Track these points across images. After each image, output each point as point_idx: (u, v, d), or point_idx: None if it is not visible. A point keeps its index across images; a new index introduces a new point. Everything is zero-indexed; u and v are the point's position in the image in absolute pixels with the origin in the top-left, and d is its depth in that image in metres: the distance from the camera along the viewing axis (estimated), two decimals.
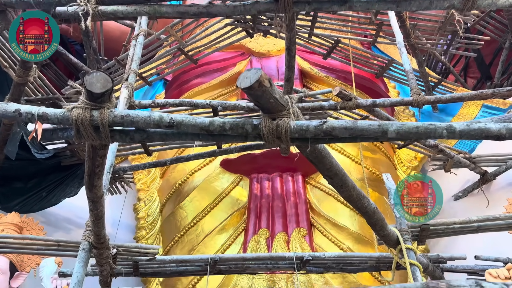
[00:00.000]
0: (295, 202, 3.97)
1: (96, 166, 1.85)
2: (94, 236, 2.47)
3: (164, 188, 4.36)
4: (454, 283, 1.06)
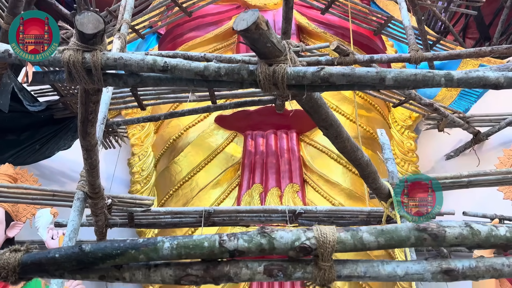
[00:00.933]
0: (288, 158, 3.99)
1: (89, 112, 1.83)
2: (89, 185, 2.48)
3: (158, 144, 4.36)
4: (444, 223, 1.08)
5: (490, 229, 1.08)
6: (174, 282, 1.06)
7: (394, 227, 1.08)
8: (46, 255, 1.02)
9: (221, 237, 1.07)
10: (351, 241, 1.07)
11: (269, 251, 1.07)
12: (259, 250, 1.06)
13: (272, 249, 1.07)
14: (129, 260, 1.04)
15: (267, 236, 1.07)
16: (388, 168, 2.53)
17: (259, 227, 1.10)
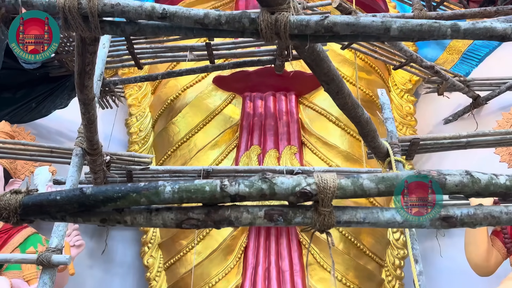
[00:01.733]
0: (287, 121, 3.98)
1: (86, 64, 1.79)
2: (87, 141, 2.47)
3: (156, 104, 4.32)
4: (444, 171, 1.08)
5: (490, 177, 1.09)
6: (175, 226, 1.07)
7: (395, 175, 1.08)
8: (47, 197, 1.02)
9: (222, 182, 1.07)
10: (351, 188, 1.08)
11: (269, 196, 1.08)
12: (259, 195, 1.07)
13: (272, 194, 1.07)
14: (130, 204, 1.05)
15: (268, 182, 1.07)
16: (387, 127, 2.53)
17: (259, 173, 1.10)
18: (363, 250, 3.60)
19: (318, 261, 3.52)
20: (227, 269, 3.51)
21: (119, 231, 4.24)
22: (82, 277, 3.93)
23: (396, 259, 3.76)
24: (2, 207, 0.98)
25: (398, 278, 3.72)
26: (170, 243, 3.69)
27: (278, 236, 3.71)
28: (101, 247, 4.01)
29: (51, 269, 2.18)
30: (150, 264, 3.70)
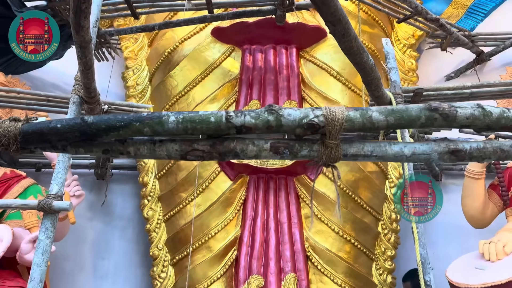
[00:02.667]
0: (287, 75, 3.91)
1: (82, 1, 1.71)
2: (84, 89, 2.42)
3: (153, 57, 4.22)
4: (456, 104, 1.06)
5: (502, 110, 1.06)
6: (180, 157, 1.05)
7: (405, 107, 1.05)
8: (48, 125, 0.99)
9: (228, 113, 1.04)
10: (360, 120, 1.05)
11: (276, 128, 1.05)
12: (266, 127, 1.04)
13: (279, 126, 1.05)
14: (133, 133, 1.02)
15: (275, 113, 1.04)
16: (391, 77, 2.48)
17: (267, 105, 1.07)
18: (360, 204, 3.64)
19: (316, 214, 3.57)
20: (226, 220, 3.55)
21: (118, 184, 4.26)
22: (82, 229, 3.99)
23: (393, 213, 3.82)
24: (1, 133, 0.95)
25: (394, 232, 3.79)
26: (169, 196, 3.72)
27: (276, 190, 3.74)
28: (101, 200, 4.04)
29: (52, 215, 2.19)
30: (150, 216, 3.74)
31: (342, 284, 3.43)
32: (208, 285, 3.42)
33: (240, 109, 3.79)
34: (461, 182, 4.23)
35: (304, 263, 3.50)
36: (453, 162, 1.08)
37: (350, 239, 3.53)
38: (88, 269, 3.93)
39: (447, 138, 1.06)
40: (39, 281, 2.09)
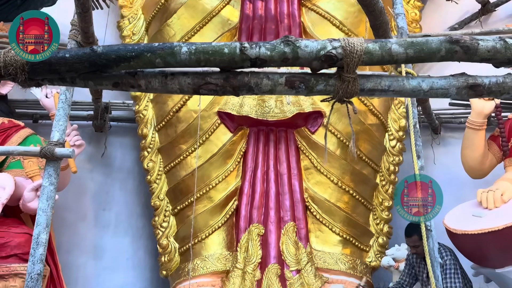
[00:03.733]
0: (288, 24, 3.80)
1: None
2: (82, 33, 2.33)
3: (149, 5, 4.06)
4: (478, 37, 1.02)
5: None
6: (192, 91, 1.02)
7: (425, 39, 1.02)
8: (56, 55, 0.95)
9: (242, 44, 1.00)
10: (379, 52, 1.02)
11: (292, 61, 1.02)
12: (281, 59, 1.01)
13: (295, 58, 1.01)
14: (145, 64, 0.98)
15: (291, 45, 1.01)
16: (398, 23, 2.41)
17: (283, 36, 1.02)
18: (360, 156, 3.67)
19: (316, 165, 3.59)
20: (226, 172, 3.58)
21: (117, 137, 4.23)
22: (83, 180, 4.00)
23: (391, 165, 3.86)
24: (8, 63, 0.91)
25: (391, 183, 3.84)
26: (169, 148, 3.71)
27: (276, 142, 3.74)
28: (100, 152, 4.03)
29: (55, 162, 2.18)
30: (150, 167, 3.75)
31: (340, 233, 3.52)
32: (209, 234, 3.49)
33: None
34: (459, 135, 4.26)
35: (303, 212, 3.57)
36: (470, 97, 1.05)
37: (349, 190, 3.58)
38: (90, 219, 3.98)
39: (465, 73, 1.03)
40: (45, 225, 2.10)
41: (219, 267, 3.37)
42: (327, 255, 3.46)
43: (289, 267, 3.35)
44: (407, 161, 4.04)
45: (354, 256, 3.51)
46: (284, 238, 3.46)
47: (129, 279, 3.93)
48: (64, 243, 3.74)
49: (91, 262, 3.87)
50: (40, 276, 2.03)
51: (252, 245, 3.42)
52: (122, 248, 4.00)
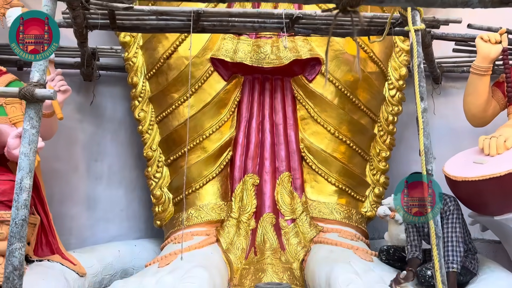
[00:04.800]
0: None
1: None
2: None
3: None
4: None
5: None
6: None
7: None
8: None
9: None
10: None
11: None
12: None
13: None
14: None
15: None
16: None
17: None
18: (358, 105, 3.55)
19: (312, 115, 3.48)
20: (220, 122, 3.47)
21: (107, 86, 4.08)
22: (73, 131, 3.89)
23: (390, 115, 3.75)
24: None
25: (390, 133, 3.75)
26: (161, 97, 3.58)
27: (272, 91, 3.60)
28: (89, 102, 3.89)
29: (36, 104, 2.05)
30: (141, 117, 3.63)
31: (336, 183, 3.46)
32: (203, 184, 3.43)
33: None
34: (461, 85, 4.12)
35: (299, 163, 3.50)
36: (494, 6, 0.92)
37: (346, 140, 3.50)
38: (82, 170, 3.91)
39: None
40: (28, 170, 2.01)
41: (214, 216, 3.34)
42: (322, 205, 3.42)
43: (284, 216, 3.32)
44: (406, 111, 3.94)
45: (350, 206, 3.48)
46: (279, 188, 3.41)
47: (123, 230, 3.92)
48: (56, 194, 3.68)
49: (85, 213, 3.84)
50: (25, 222, 1.97)
51: (246, 195, 3.38)
52: (115, 200, 3.96)
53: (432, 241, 1.84)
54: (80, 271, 2.86)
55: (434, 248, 1.81)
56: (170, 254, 2.94)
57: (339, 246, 3.04)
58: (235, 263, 3.07)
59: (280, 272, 2.96)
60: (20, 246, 1.94)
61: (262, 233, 3.23)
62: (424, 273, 2.47)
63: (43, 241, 2.87)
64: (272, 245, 3.16)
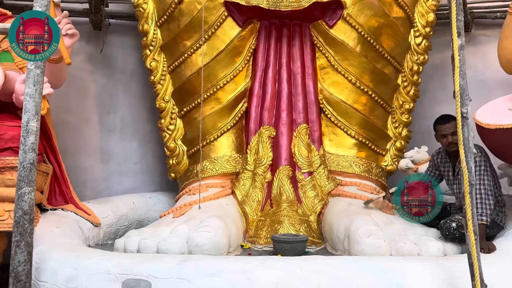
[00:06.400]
0: None
1: None
2: None
3: None
4: None
5: None
6: None
7: None
8: None
9: None
10: None
11: None
12: None
13: None
14: None
15: None
16: None
17: None
18: (382, 53, 3.33)
19: (333, 64, 3.29)
20: (235, 71, 3.30)
21: (117, 36, 3.93)
22: (84, 82, 3.80)
23: (415, 65, 3.52)
24: None
25: (414, 84, 3.54)
26: (172, 45, 3.41)
27: (290, 38, 3.40)
28: (100, 51, 3.75)
29: None
30: (153, 67, 3.48)
31: (355, 136, 3.32)
32: (218, 136, 3.32)
33: None
34: (492, 32, 3.85)
35: (317, 114, 3.35)
36: None
37: (367, 91, 3.31)
38: (94, 123, 3.84)
39: None
40: (34, 113, 1.92)
41: (229, 169, 3.26)
42: (341, 158, 3.30)
43: (300, 169, 3.22)
44: (431, 62, 3.70)
45: (370, 159, 3.35)
46: (296, 140, 3.29)
47: (138, 183, 3.89)
48: (69, 146, 3.64)
49: (98, 166, 3.81)
50: (34, 166, 1.90)
51: (262, 147, 3.27)
52: (129, 153, 3.92)
53: (465, 188, 1.71)
54: (95, 221, 2.84)
55: (467, 196, 1.68)
56: (185, 205, 2.89)
57: (358, 199, 2.94)
58: (251, 215, 3.01)
59: (297, 224, 2.89)
60: (29, 190, 1.88)
61: (278, 185, 3.14)
62: (449, 225, 2.36)
63: (57, 191, 2.83)
64: (288, 198, 3.07)
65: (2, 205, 2.27)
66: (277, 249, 2.57)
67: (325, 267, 1.93)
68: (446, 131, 2.58)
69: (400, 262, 1.98)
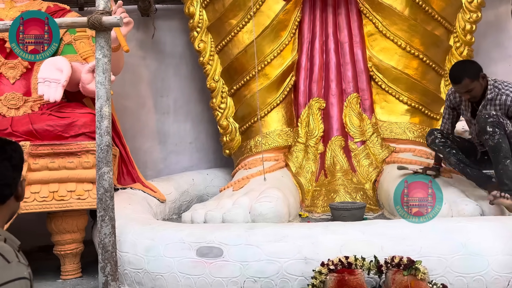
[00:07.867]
0: None
1: None
2: None
3: None
4: None
5: None
6: None
7: None
8: None
9: None
10: None
11: None
12: None
13: None
14: None
15: None
16: None
17: None
18: (432, 15, 3.23)
19: (381, 30, 3.23)
20: (281, 46, 3.33)
21: (165, 20, 4.06)
22: (137, 68, 3.97)
23: (467, 24, 3.39)
24: None
25: (467, 44, 3.42)
26: (219, 25, 3.48)
27: (335, 7, 3.37)
28: (149, 37, 3.90)
29: (105, 33, 2.07)
30: (201, 48, 3.58)
31: (408, 101, 3.27)
32: (268, 112, 3.39)
33: None
34: None
35: (367, 83, 3.33)
36: None
37: (418, 55, 3.23)
38: (150, 106, 4.03)
39: None
40: (106, 98, 2.08)
41: (281, 142, 3.33)
42: (393, 125, 3.28)
43: (353, 139, 3.24)
44: (484, 19, 3.53)
45: (424, 124, 3.30)
46: (347, 110, 3.30)
47: (194, 161, 4.07)
48: (128, 130, 3.85)
49: (157, 147, 4.01)
50: (109, 148, 2.07)
51: (313, 119, 3.31)
52: (184, 133, 4.09)
53: None
54: (161, 198, 3.03)
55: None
56: (243, 179, 3.01)
57: (414, 165, 2.93)
58: (306, 186, 3.09)
59: (353, 192, 2.94)
60: (108, 170, 2.05)
61: (332, 156, 3.19)
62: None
63: (124, 171, 3.04)
64: (342, 167, 3.12)
65: (82, 186, 2.49)
66: (335, 217, 2.64)
67: (388, 230, 1.98)
68: (459, 91, 2.53)
69: (463, 222, 1.99)
